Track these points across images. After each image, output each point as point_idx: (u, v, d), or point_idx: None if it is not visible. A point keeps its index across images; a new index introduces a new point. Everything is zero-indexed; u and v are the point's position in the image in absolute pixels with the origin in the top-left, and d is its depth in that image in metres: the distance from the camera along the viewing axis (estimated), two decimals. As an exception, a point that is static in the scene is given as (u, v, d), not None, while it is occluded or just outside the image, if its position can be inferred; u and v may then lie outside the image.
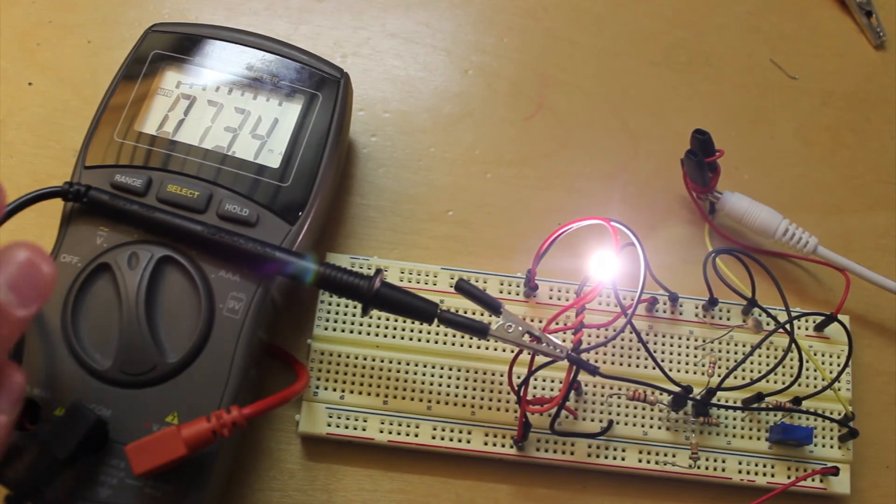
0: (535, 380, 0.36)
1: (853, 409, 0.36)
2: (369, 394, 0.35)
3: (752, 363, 0.37)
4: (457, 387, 0.36)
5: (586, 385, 0.36)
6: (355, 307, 0.36)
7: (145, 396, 0.31)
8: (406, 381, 0.36)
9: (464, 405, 0.35)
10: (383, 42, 0.44)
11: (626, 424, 0.35)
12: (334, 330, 0.36)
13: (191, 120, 0.36)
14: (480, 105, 0.43)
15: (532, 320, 0.37)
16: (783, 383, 0.35)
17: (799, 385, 0.36)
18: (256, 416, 0.30)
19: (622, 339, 0.37)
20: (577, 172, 0.41)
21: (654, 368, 0.34)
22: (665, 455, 0.35)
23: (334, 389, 0.35)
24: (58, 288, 0.32)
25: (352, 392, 0.35)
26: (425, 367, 0.36)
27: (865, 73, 0.45)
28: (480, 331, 0.32)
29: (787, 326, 0.34)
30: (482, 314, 0.36)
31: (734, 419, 0.36)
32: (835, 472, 0.35)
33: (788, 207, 0.39)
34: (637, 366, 0.36)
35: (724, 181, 0.39)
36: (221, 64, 0.36)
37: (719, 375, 0.36)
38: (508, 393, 0.35)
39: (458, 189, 0.41)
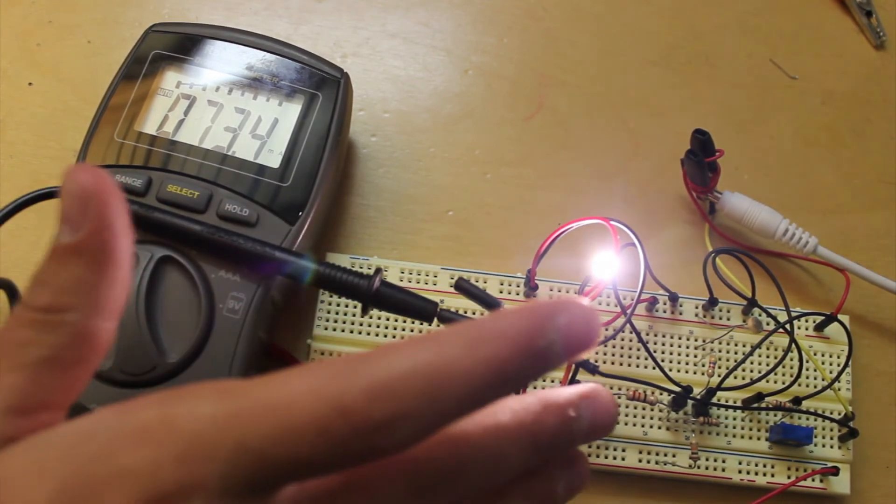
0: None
1: (853, 409, 0.36)
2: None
3: (752, 363, 0.37)
4: (457, 387, 0.36)
5: (586, 385, 0.36)
6: (355, 307, 0.36)
7: (145, 396, 0.31)
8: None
9: (464, 405, 0.35)
10: (383, 42, 0.44)
11: (626, 424, 0.35)
12: (334, 330, 0.36)
13: (191, 120, 0.36)
14: (480, 105, 0.43)
15: (532, 320, 0.37)
16: (783, 383, 0.35)
17: (799, 385, 0.36)
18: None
19: (622, 339, 0.37)
20: (577, 172, 0.41)
21: (654, 368, 0.34)
22: (665, 455, 0.35)
23: (334, 389, 0.35)
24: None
25: (352, 392, 0.35)
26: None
27: (865, 73, 0.45)
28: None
29: (787, 326, 0.34)
30: (482, 314, 0.36)
31: (734, 419, 0.36)
32: (835, 472, 0.35)
33: (788, 207, 0.39)
34: (637, 366, 0.36)
35: (724, 181, 0.39)
36: (221, 64, 0.36)
37: (719, 375, 0.36)
38: (508, 393, 0.35)
39: (458, 189, 0.41)
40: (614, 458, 0.35)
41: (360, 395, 0.18)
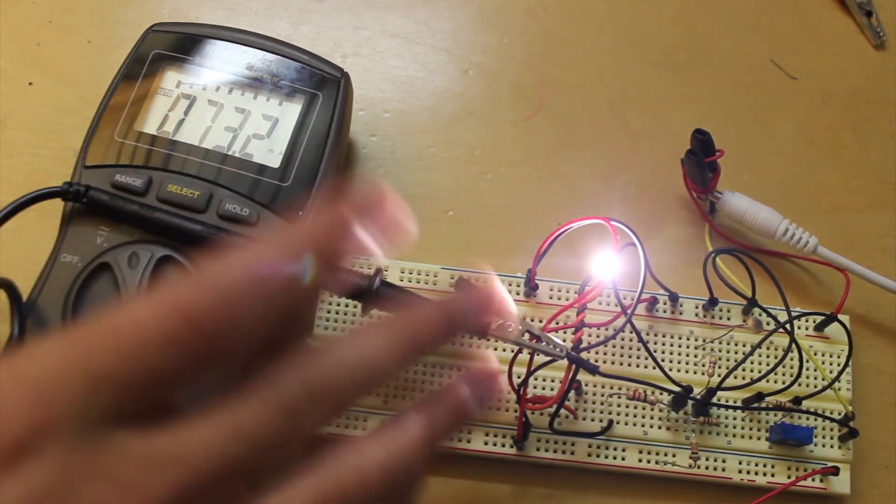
0: (536, 379, 0.36)
1: (853, 409, 0.36)
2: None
3: (752, 363, 0.37)
4: (457, 387, 0.36)
5: (586, 385, 0.36)
6: (355, 307, 0.36)
7: (145, 396, 0.31)
8: (406, 380, 0.36)
9: (464, 405, 0.35)
10: (383, 42, 0.44)
11: (626, 424, 0.35)
12: (334, 330, 0.36)
13: (191, 120, 0.36)
14: (481, 105, 0.43)
15: (532, 320, 0.37)
16: (783, 383, 0.35)
17: (799, 385, 0.36)
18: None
19: (622, 339, 0.37)
20: (577, 172, 0.41)
21: (654, 368, 0.34)
22: (665, 455, 0.35)
23: (334, 389, 0.35)
24: (58, 287, 0.32)
25: (352, 392, 0.35)
26: (425, 366, 0.36)
27: (865, 73, 0.45)
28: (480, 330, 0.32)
29: (787, 326, 0.34)
30: (482, 314, 0.36)
31: (734, 419, 0.36)
32: (835, 472, 0.35)
33: (788, 207, 0.39)
34: (637, 365, 0.36)
35: (724, 181, 0.39)
36: (221, 64, 0.36)
37: (719, 375, 0.36)
38: (508, 392, 0.35)
39: (458, 189, 0.41)
40: (614, 458, 0.35)
41: (201, 302, 0.20)
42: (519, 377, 0.34)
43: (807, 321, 0.38)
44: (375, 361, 0.23)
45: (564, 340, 0.35)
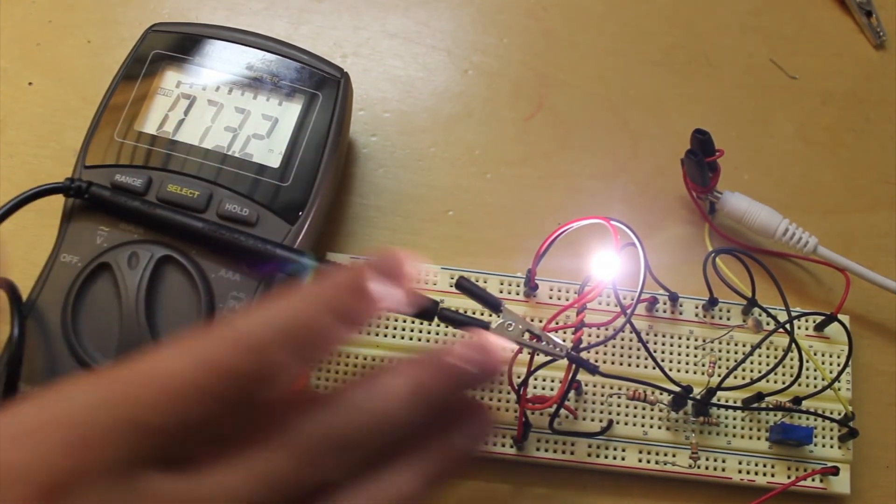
0: (536, 379, 0.36)
1: (853, 409, 0.36)
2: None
3: (752, 363, 0.37)
4: (457, 387, 0.36)
5: (586, 385, 0.36)
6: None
7: (145, 396, 0.31)
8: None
9: (464, 405, 0.35)
10: (383, 42, 0.44)
11: (626, 424, 0.35)
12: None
13: (191, 120, 0.36)
14: (480, 105, 0.43)
15: (532, 320, 0.37)
16: (783, 383, 0.35)
17: (799, 385, 0.36)
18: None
19: (622, 339, 0.37)
20: (577, 172, 0.41)
21: (654, 368, 0.34)
22: (665, 455, 0.35)
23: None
24: (58, 288, 0.32)
25: (352, 392, 0.35)
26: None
27: (865, 73, 0.45)
28: (480, 329, 0.32)
29: (787, 326, 0.34)
30: (482, 313, 0.36)
31: (734, 419, 0.36)
32: (835, 471, 0.35)
33: (788, 207, 0.39)
34: (637, 365, 0.36)
35: (724, 181, 0.39)
36: (221, 64, 0.36)
37: (719, 375, 0.36)
38: (508, 392, 0.35)
39: (458, 189, 0.41)
40: (614, 458, 0.35)
41: (228, 353, 0.21)
42: (519, 377, 0.34)
43: (807, 321, 0.38)
44: (396, 412, 0.24)
45: (564, 340, 0.35)
